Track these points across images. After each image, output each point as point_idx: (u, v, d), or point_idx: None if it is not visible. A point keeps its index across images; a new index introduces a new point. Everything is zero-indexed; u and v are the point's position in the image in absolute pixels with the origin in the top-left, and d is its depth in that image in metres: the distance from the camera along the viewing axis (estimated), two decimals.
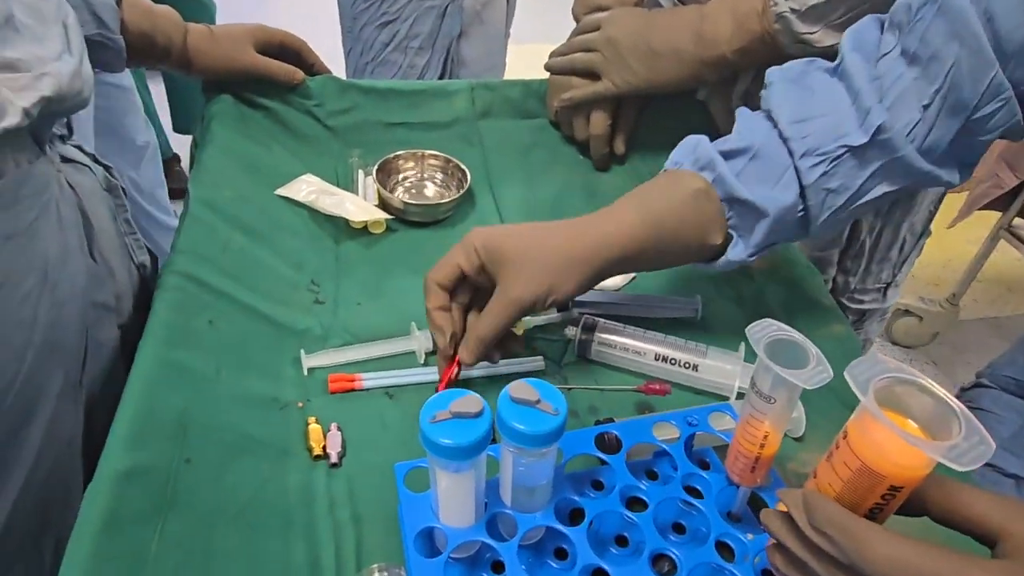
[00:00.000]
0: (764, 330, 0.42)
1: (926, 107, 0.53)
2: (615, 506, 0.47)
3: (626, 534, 0.50)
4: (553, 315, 0.66)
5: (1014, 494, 0.65)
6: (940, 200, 0.91)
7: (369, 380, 0.60)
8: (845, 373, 0.36)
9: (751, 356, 0.63)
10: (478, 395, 0.41)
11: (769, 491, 0.49)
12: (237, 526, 0.47)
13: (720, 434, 0.52)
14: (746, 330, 0.42)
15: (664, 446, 0.51)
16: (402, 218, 0.77)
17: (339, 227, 0.74)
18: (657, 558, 0.46)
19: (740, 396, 0.61)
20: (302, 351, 0.60)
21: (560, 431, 0.41)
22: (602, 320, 0.65)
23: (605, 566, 0.44)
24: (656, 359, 0.63)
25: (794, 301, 0.73)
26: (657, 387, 0.63)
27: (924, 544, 0.32)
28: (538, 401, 0.41)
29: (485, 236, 0.54)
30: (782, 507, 0.39)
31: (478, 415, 0.40)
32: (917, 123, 0.54)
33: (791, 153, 0.56)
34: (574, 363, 0.65)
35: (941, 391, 0.34)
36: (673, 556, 0.46)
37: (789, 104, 0.57)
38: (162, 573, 0.42)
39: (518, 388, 0.42)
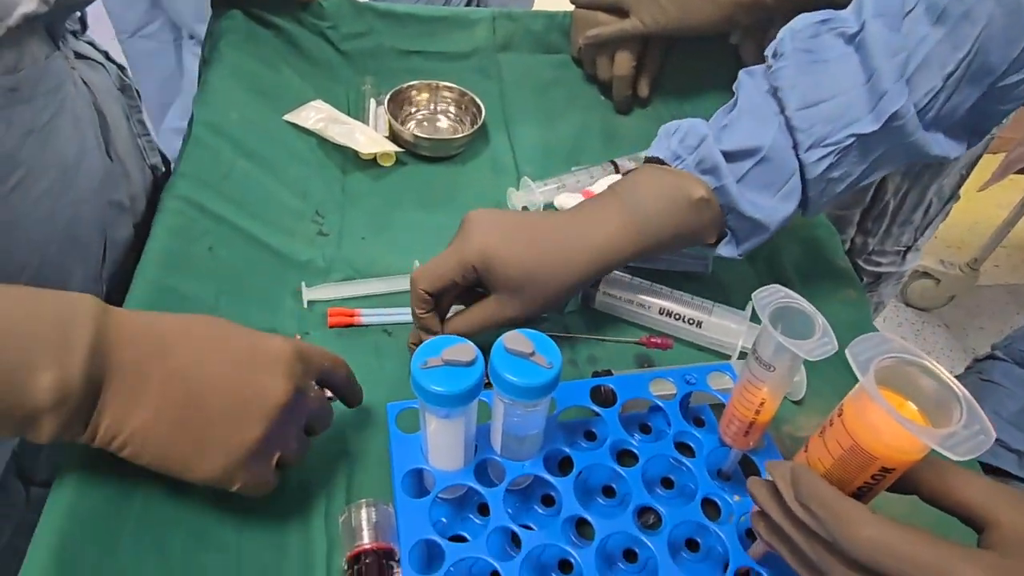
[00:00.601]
0: (771, 296, 0.40)
1: (949, 75, 0.50)
2: (605, 460, 0.47)
3: (613, 485, 0.50)
4: None
5: (1016, 470, 0.64)
6: (973, 164, 0.88)
7: (368, 316, 0.59)
8: (847, 351, 0.34)
9: (758, 317, 0.62)
10: (471, 343, 0.40)
11: (762, 454, 0.48)
12: None
13: (718, 394, 0.52)
14: (753, 295, 0.41)
15: (659, 403, 0.51)
16: (413, 151, 0.75)
17: (347, 157, 0.72)
18: (643, 511, 0.46)
19: (743, 356, 0.60)
20: (303, 283, 0.59)
21: (553, 385, 0.41)
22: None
23: (589, 517, 0.44)
24: (660, 313, 0.62)
25: (809, 262, 0.72)
26: (659, 341, 0.62)
27: (909, 529, 0.32)
28: (532, 353, 0.40)
29: (484, 255, 0.51)
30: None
31: (470, 364, 0.40)
32: (936, 92, 0.50)
33: (796, 146, 0.53)
34: (576, 311, 0.64)
35: (945, 374, 0.33)
36: (658, 511, 0.46)
37: (800, 86, 0.53)
38: (153, 494, 0.42)
39: (513, 339, 0.41)
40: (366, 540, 0.43)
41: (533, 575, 0.44)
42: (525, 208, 0.73)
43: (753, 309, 0.62)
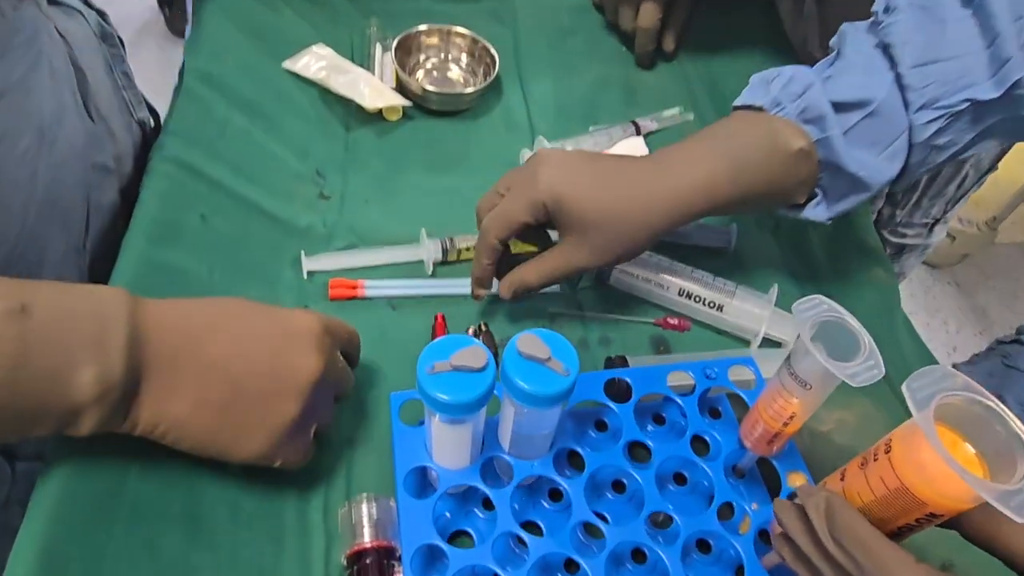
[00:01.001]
0: (813, 309, 0.37)
1: None
2: (617, 460, 0.45)
3: (625, 481, 0.48)
4: None
5: None
6: None
7: (372, 288, 0.56)
8: (903, 386, 0.31)
9: (782, 302, 0.59)
10: (483, 347, 0.37)
11: (782, 458, 0.46)
12: None
13: (737, 389, 0.49)
14: (793, 307, 0.38)
15: (676, 398, 0.48)
16: (421, 105, 0.70)
17: (351, 111, 0.67)
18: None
19: (765, 343, 0.57)
20: (302, 252, 0.55)
21: (569, 392, 0.38)
22: None
23: (600, 525, 0.42)
24: (680, 294, 0.58)
25: (837, 238, 0.68)
26: (676, 323, 0.59)
27: None
28: (549, 359, 0.37)
29: (555, 192, 0.48)
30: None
31: (482, 370, 0.37)
32: None
33: (907, 105, 0.48)
34: (590, 288, 0.61)
35: (1014, 420, 0.30)
36: (671, 513, 0.45)
37: (914, 43, 0.47)
38: (143, 489, 0.40)
39: (527, 342, 0.38)
40: (367, 539, 0.41)
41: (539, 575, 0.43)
42: None
43: (778, 294, 0.59)
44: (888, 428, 0.52)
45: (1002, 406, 0.31)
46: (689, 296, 0.58)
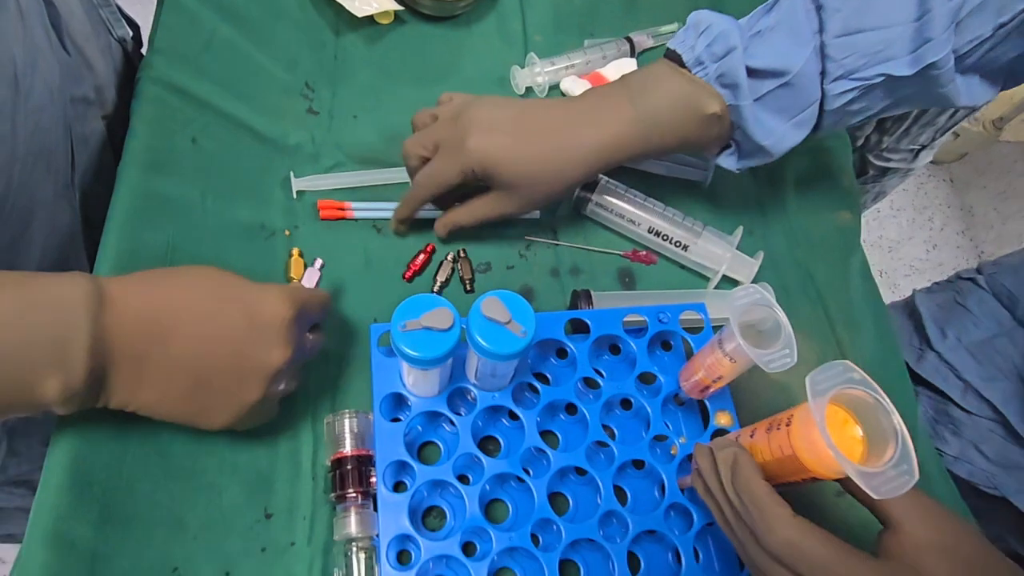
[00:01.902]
0: (746, 298, 0.41)
1: (1001, 25, 0.46)
2: (569, 395, 0.51)
3: (577, 404, 0.55)
4: None
5: (959, 398, 0.68)
6: None
7: (359, 211, 0.59)
8: (807, 378, 0.36)
9: (744, 245, 0.63)
10: (451, 309, 0.42)
11: (714, 400, 0.52)
12: None
13: (685, 335, 0.54)
14: (731, 294, 0.42)
15: (629, 340, 0.53)
16: (413, 8, 0.69)
17: (340, 15, 0.66)
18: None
19: (723, 282, 0.62)
20: (292, 173, 0.58)
21: (526, 350, 0.43)
22: (604, 179, 0.62)
23: (547, 450, 0.49)
24: (649, 231, 0.62)
25: (812, 175, 0.70)
26: (643, 255, 0.63)
27: (822, 534, 0.36)
28: (509, 322, 0.42)
29: (482, 160, 0.51)
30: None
31: (448, 329, 0.41)
32: (983, 40, 0.47)
33: (824, 74, 0.50)
34: (567, 216, 0.64)
35: (894, 414, 0.35)
36: (613, 434, 0.52)
37: (845, 10, 0.48)
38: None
39: (490, 305, 0.42)
40: (347, 448, 0.48)
41: (495, 488, 0.50)
42: (529, 89, 0.69)
43: (741, 236, 0.62)
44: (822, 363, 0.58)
45: (888, 401, 0.36)
46: (658, 234, 0.62)
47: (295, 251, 0.55)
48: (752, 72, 0.51)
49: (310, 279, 0.55)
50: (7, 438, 0.57)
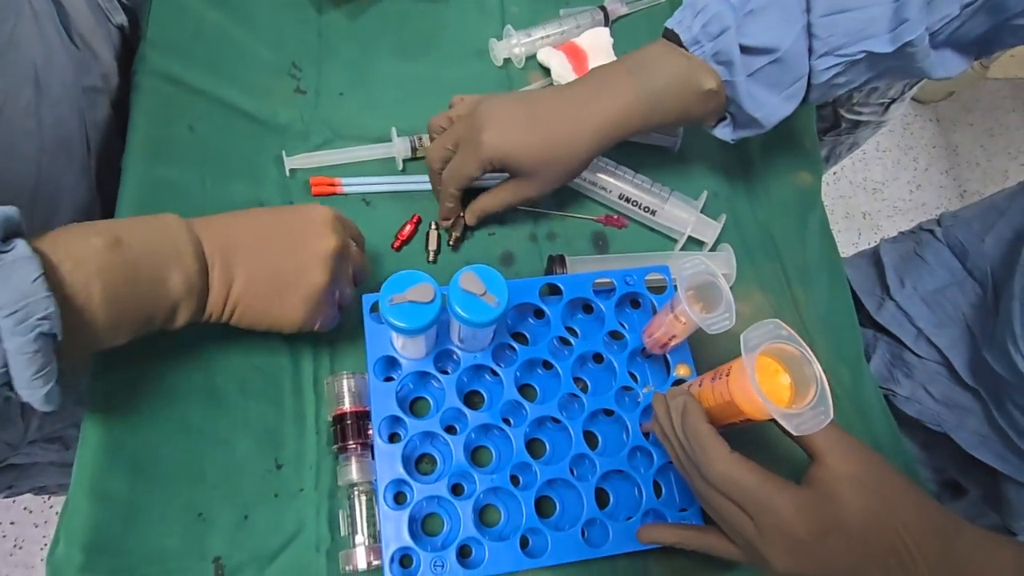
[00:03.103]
0: (692, 268, 0.46)
1: (967, 5, 0.50)
2: (543, 353, 0.57)
3: (552, 361, 0.61)
4: None
5: (912, 343, 0.73)
6: None
7: (349, 186, 0.64)
8: (742, 335, 0.41)
9: (708, 208, 0.67)
10: (432, 284, 0.47)
11: (674, 353, 0.58)
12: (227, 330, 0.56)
13: (652, 296, 0.60)
14: (676, 266, 0.47)
15: (598, 302, 0.59)
16: None
17: None
18: (576, 379, 0.58)
19: (689, 243, 0.67)
20: (284, 152, 0.62)
21: (501, 318, 0.48)
22: None
23: (524, 403, 0.55)
24: (620, 198, 0.66)
25: (776, 138, 0.74)
26: (615, 220, 0.68)
27: (752, 467, 0.42)
28: (484, 293, 0.47)
29: (498, 153, 0.56)
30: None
31: (430, 302, 0.47)
32: (951, 19, 0.51)
33: (811, 51, 0.54)
34: None
35: (815, 363, 0.41)
36: (585, 385, 0.58)
37: None
38: (173, 376, 0.52)
39: (467, 279, 0.47)
40: (347, 405, 0.54)
41: (479, 436, 0.57)
42: (508, 61, 0.72)
43: (705, 200, 0.67)
44: (777, 317, 0.64)
45: (810, 352, 0.42)
46: (628, 200, 0.66)
47: None
48: (745, 49, 0.55)
49: None
50: None
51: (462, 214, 0.63)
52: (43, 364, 0.35)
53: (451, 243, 0.63)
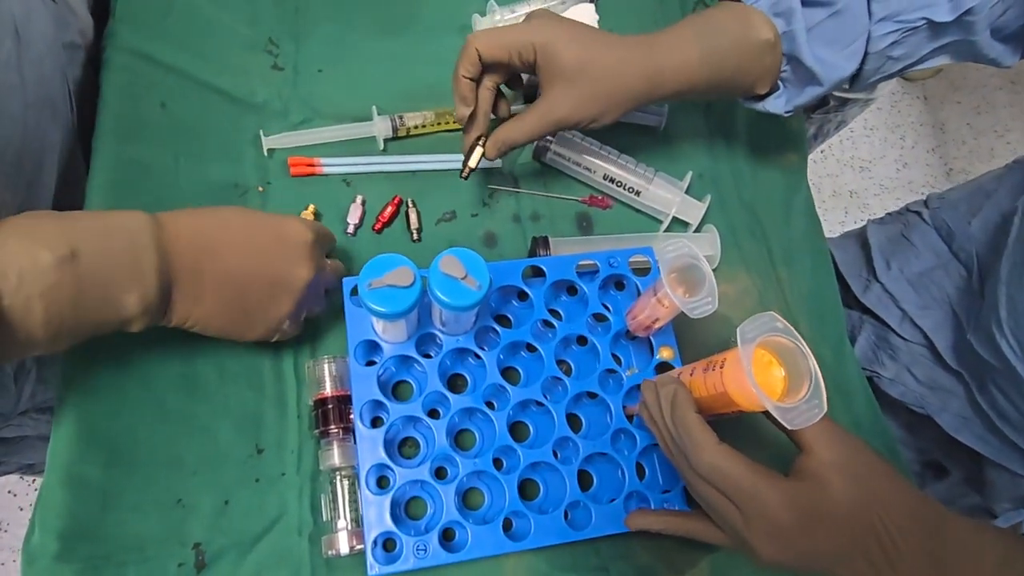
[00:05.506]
0: (675, 251, 0.45)
1: None
2: (526, 336, 0.56)
3: (536, 344, 0.60)
4: None
5: (896, 325, 0.73)
6: None
7: (328, 166, 0.62)
8: (738, 328, 0.41)
9: (692, 188, 0.66)
10: (411, 268, 0.46)
11: (658, 336, 0.58)
12: None
13: (635, 278, 0.59)
14: (659, 249, 0.46)
15: (581, 285, 0.58)
16: None
17: None
18: (559, 362, 0.57)
19: (673, 224, 0.66)
20: (261, 132, 0.60)
21: (481, 301, 0.47)
22: None
23: (507, 387, 0.54)
24: (604, 178, 0.65)
25: (761, 118, 0.72)
26: (600, 200, 0.67)
27: (740, 458, 0.42)
28: (464, 277, 0.46)
29: (546, 35, 0.51)
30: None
31: (409, 286, 0.46)
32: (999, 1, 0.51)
33: (871, 15, 0.53)
34: (527, 165, 0.67)
35: (809, 357, 0.40)
36: (569, 368, 0.57)
37: None
38: (149, 361, 0.51)
39: (448, 263, 0.46)
40: (328, 390, 0.53)
41: (463, 420, 0.56)
42: None
43: (691, 181, 0.66)
44: (761, 301, 0.63)
45: (805, 346, 0.41)
46: (612, 180, 0.65)
47: (311, 207, 0.60)
48: (804, 2, 0.54)
49: (354, 214, 0.60)
50: (36, 367, 0.62)
51: (482, 142, 0.57)
52: None
53: (463, 174, 0.58)
